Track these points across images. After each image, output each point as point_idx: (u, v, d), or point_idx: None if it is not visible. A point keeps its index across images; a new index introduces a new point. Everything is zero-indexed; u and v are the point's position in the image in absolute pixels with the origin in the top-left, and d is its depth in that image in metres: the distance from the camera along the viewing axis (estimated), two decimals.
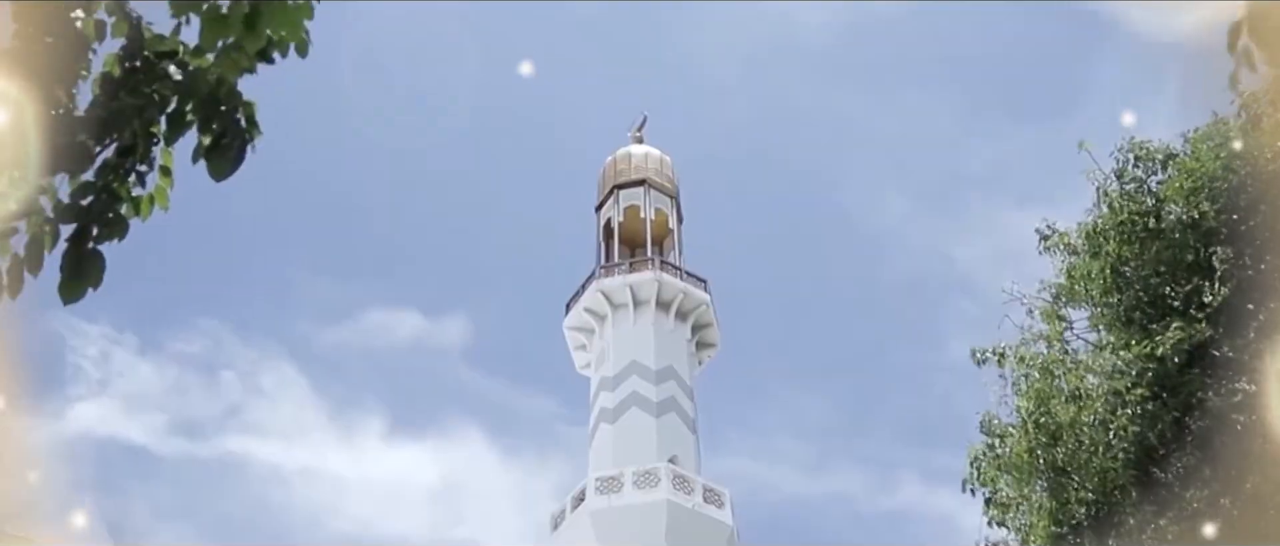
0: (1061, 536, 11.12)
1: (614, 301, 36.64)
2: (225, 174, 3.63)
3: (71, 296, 3.52)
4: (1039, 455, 11.15)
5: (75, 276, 3.54)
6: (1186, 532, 10.40)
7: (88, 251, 3.56)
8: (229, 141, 3.63)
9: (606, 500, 30.94)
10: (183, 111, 3.61)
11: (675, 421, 34.21)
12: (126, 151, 3.62)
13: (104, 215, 3.59)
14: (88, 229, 3.57)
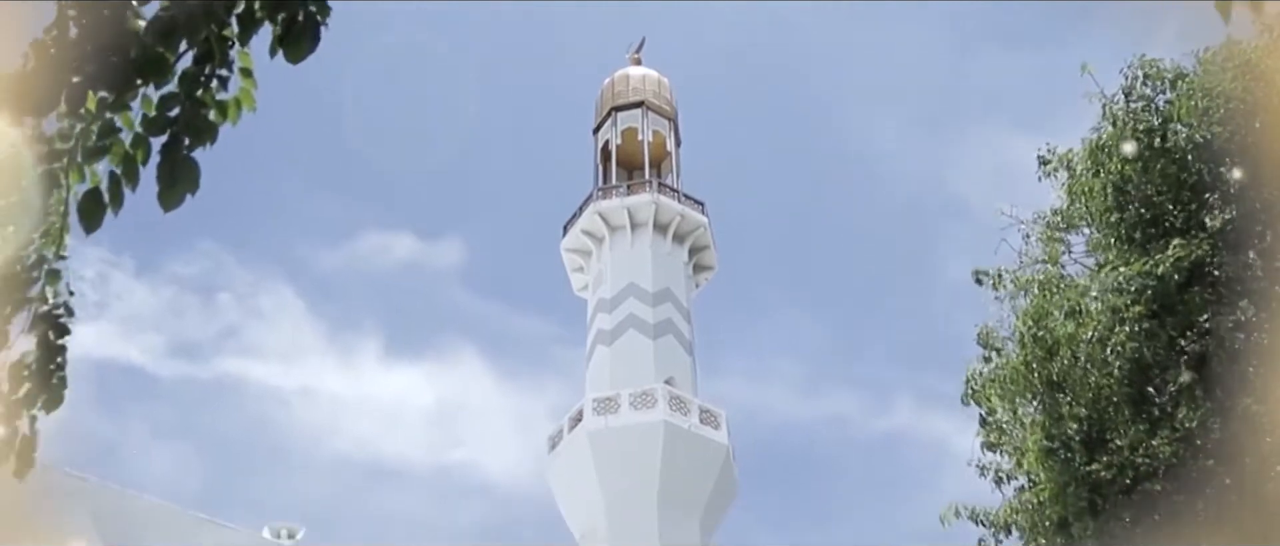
0: (1052, 451, 11.18)
1: (611, 223, 36.63)
2: (302, 56, 3.70)
3: (172, 203, 3.62)
4: (1035, 369, 11.18)
5: (172, 184, 3.62)
6: (1178, 452, 10.47)
7: (182, 158, 3.64)
8: (301, 26, 3.68)
9: (603, 421, 31.15)
10: (252, 9, 3.65)
11: (672, 343, 34.36)
12: (203, 59, 3.67)
13: (192, 123, 3.66)
14: (179, 137, 3.65)
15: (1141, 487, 10.59)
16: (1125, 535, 10.88)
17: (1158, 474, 10.51)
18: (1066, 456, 11.07)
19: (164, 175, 3.62)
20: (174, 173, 3.63)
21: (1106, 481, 10.71)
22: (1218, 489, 10.40)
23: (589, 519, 30.83)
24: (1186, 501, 10.39)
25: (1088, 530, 10.90)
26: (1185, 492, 10.40)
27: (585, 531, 31.01)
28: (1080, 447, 10.97)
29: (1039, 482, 11.71)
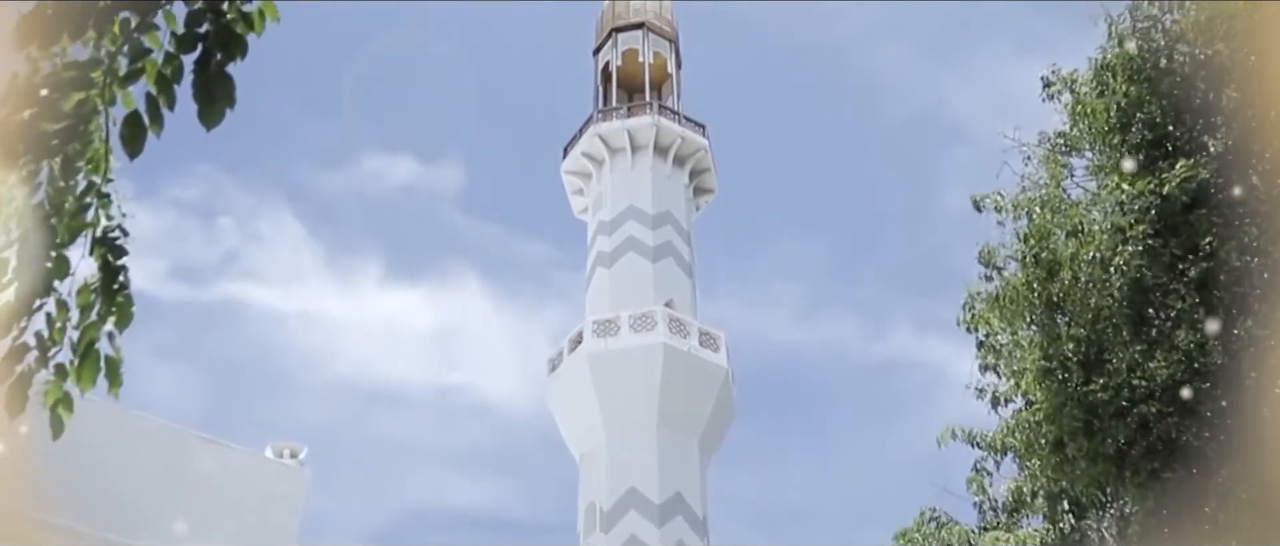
0: (1050, 371, 11.21)
1: (612, 146, 36.49)
2: None
3: (213, 120, 3.65)
4: (1035, 289, 11.18)
5: (211, 101, 3.65)
6: (1176, 375, 10.49)
7: (216, 73, 3.66)
8: None
9: (603, 343, 31.27)
10: None
11: (672, 266, 34.39)
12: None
13: (221, 38, 3.67)
14: (211, 53, 3.66)
15: (1138, 409, 10.63)
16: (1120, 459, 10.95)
17: (1155, 396, 10.53)
18: (1064, 377, 11.10)
19: (201, 92, 3.64)
20: (211, 89, 3.65)
21: (1103, 402, 10.74)
22: (1216, 412, 10.44)
23: (589, 440, 31.07)
24: (1183, 424, 10.44)
25: (1082, 450, 10.96)
26: (1182, 415, 10.44)
27: (585, 452, 31.27)
28: (1078, 368, 11.00)
29: (1036, 403, 11.76)
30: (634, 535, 28.48)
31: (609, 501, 29.24)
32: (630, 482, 29.39)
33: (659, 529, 28.60)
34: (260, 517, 11.10)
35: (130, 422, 10.68)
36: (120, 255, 3.88)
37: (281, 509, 11.31)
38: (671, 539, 28.63)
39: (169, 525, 10.39)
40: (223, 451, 11.20)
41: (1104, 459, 10.87)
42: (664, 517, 28.84)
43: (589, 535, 29.44)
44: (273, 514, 11.19)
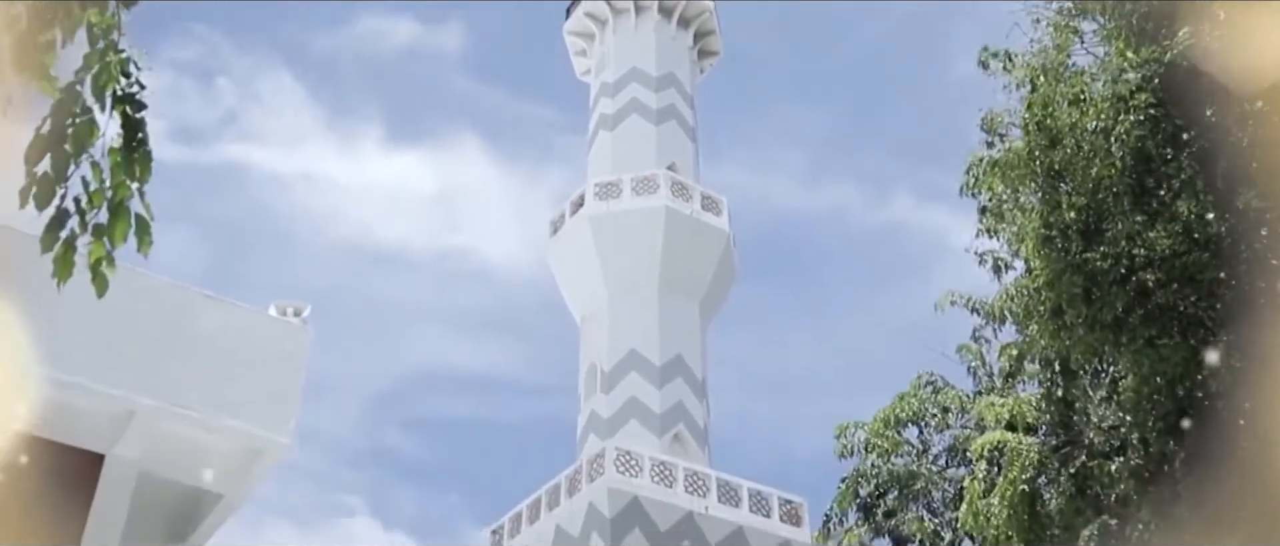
0: (1050, 239, 11.25)
1: (615, 6, 35.96)
2: None
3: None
4: (1037, 156, 11.15)
5: None
6: (1175, 244, 10.52)
7: None
8: None
9: (605, 205, 31.25)
10: None
11: (675, 129, 34.18)
12: None
13: None
14: None
15: (1137, 278, 10.69)
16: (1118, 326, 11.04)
17: (1154, 264, 10.58)
18: (1064, 245, 11.15)
19: None
20: None
21: (1102, 270, 10.80)
22: (1214, 281, 10.49)
23: (590, 302, 31.28)
24: (1182, 293, 10.50)
25: (1081, 317, 11.06)
26: (1181, 284, 10.50)
27: (586, 314, 31.50)
28: (1078, 236, 11.03)
29: (1035, 271, 11.83)
30: (634, 396, 28.87)
31: (610, 362, 29.57)
32: (631, 344, 29.67)
33: (659, 390, 28.98)
34: (264, 375, 11.20)
35: (133, 280, 10.70)
36: (139, 109, 3.89)
37: (286, 366, 11.39)
38: (671, 400, 29.02)
39: (173, 381, 10.50)
40: (226, 309, 11.24)
41: (1102, 326, 10.97)
42: (664, 379, 29.19)
43: (590, 396, 29.85)
44: (277, 371, 11.28)
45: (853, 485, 16.50)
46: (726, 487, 27.10)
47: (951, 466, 16.81)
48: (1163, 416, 11.51)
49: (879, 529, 16.66)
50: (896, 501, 16.60)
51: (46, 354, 9.70)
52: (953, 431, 16.71)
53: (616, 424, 28.43)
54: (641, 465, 25.92)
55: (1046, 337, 12.08)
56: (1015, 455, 13.06)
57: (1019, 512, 12.81)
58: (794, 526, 27.65)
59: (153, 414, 10.15)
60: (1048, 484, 13.73)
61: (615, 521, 24.89)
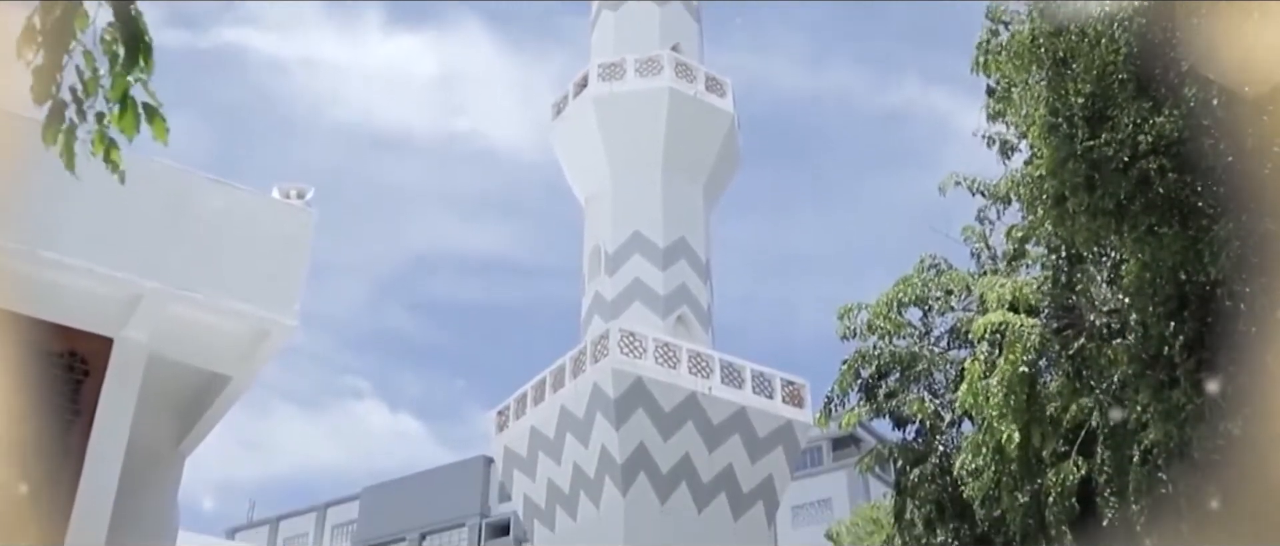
0: (1055, 126, 11.19)
1: None
2: None
3: None
4: (1041, 44, 11.04)
5: None
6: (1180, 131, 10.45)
7: None
8: None
9: (609, 87, 31.00)
10: None
11: (679, 10, 33.72)
12: None
13: None
14: None
15: (1140, 165, 10.65)
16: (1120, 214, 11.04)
17: (1158, 151, 10.54)
18: (1069, 131, 11.09)
19: None
20: None
21: (1106, 158, 10.76)
22: (1218, 165, 10.45)
23: (594, 184, 31.22)
24: (1183, 180, 10.47)
25: (1083, 205, 11.06)
26: (1183, 172, 10.46)
27: (590, 196, 31.47)
28: (1083, 123, 10.97)
29: (1040, 157, 11.78)
30: (638, 278, 28.99)
31: (613, 244, 29.63)
32: (634, 226, 29.70)
33: (662, 272, 29.09)
34: (268, 258, 11.23)
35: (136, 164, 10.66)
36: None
37: (289, 249, 11.42)
38: (675, 282, 29.15)
39: (179, 265, 10.55)
40: (229, 192, 11.24)
41: (1103, 213, 10.97)
42: (668, 261, 29.28)
43: (593, 278, 29.98)
44: (281, 254, 11.30)
45: (854, 366, 16.62)
46: (729, 369, 27.38)
47: (953, 348, 16.93)
48: (1164, 301, 11.57)
49: (880, 409, 16.85)
50: (898, 382, 16.76)
51: (53, 238, 9.74)
52: (955, 313, 16.79)
53: (620, 305, 28.61)
54: (645, 346, 26.15)
55: (1050, 223, 12.09)
56: (1016, 336, 13.15)
57: (1018, 393, 12.95)
58: (796, 407, 28.00)
59: (159, 297, 10.22)
60: (1047, 366, 13.87)
61: (619, 402, 25.20)
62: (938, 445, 16.11)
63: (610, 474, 25.28)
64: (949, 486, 15.19)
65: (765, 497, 27.10)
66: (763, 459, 27.06)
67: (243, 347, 11.13)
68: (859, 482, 59.38)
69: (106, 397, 10.18)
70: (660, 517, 25.29)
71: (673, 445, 25.75)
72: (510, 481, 29.35)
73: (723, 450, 26.47)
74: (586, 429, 25.95)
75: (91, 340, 10.32)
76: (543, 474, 27.62)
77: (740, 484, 26.64)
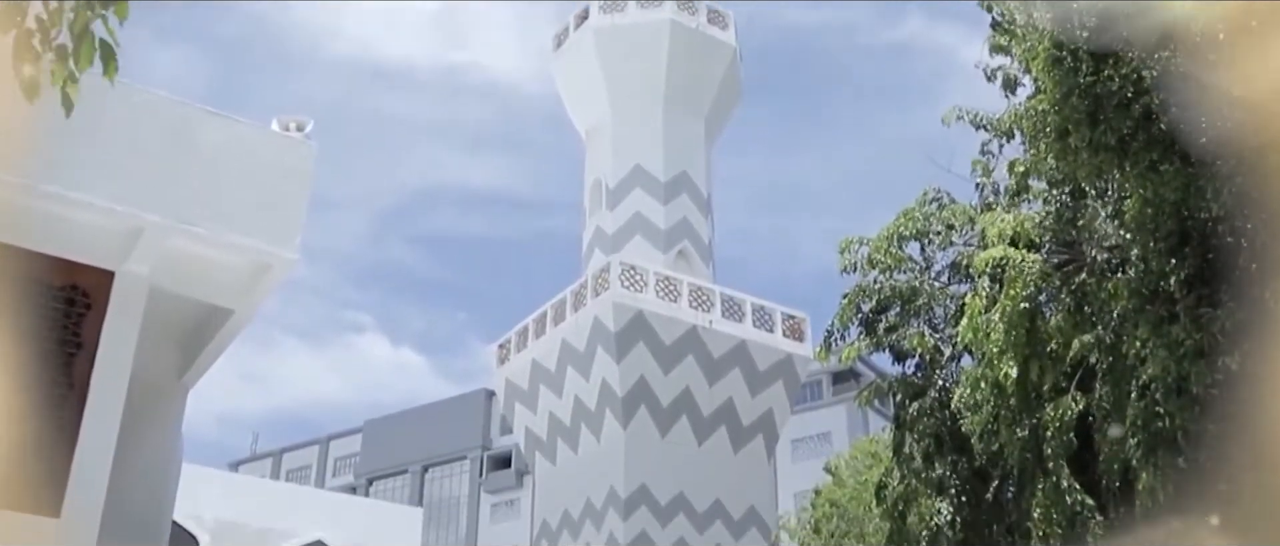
0: (1059, 60, 11.10)
1: None
2: None
3: None
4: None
5: None
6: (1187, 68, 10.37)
7: None
8: None
9: (609, 19, 30.76)
10: None
11: None
12: None
13: None
14: None
15: (1143, 101, 10.58)
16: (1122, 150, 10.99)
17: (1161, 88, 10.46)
18: (1072, 65, 11.00)
19: None
20: None
21: (1109, 92, 10.69)
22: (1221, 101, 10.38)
23: (595, 118, 31.09)
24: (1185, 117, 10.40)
25: (1085, 140, 11.00)
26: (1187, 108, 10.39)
27: (591, 130, 31.35)
28: (1087, 58, 10.88)
29: (1043, 91, 11.70)
30: (639, 212, 28.97)
31: (614, 178, 29.57)
32: (635, 159, 29.62)
33: (664, 206, 29.06)
34: (269, 190, 11.20)
35: (134, 96, 10.63)
36: None
37: (290, 182, 11.39)
38: (676, 216, 29.13)
39: (180, 198, 10.53)
40: (228, 125, 11.19)
41: (1106, 148, 10.92)
42: (669, 195, 29.24)
43: (595, 211, 29.94)
44: (281, 186, 11.27)
45: (855, 300, 16.62)
46: (730, 302, 27.44)
47: (954, 282, 16.93)
48: (1165, 237, 11.54)
49: (880, 343, 16.87)
50: (898, 317, 16.76)
51: (54, 172, 9.71)
52: (956, 248, 16.77)
53: (621, 240, 28.62)
54: (646, 280, 26.19)
55: (1052, 158, 12.04)
56: (1016, 272, 13.14)
57: (1018, 328, 12.97)
58: (796, 341, 28.11)
59: (160, 230, 10.21)
60: (1048, 301, 13.87)
61: (620, 336, 25.29)
62: (937, 379, 16.15)
63: (611, 406, 25.44)
64: (948, 420, 15.26)
65: (765, 430, 27.28)
66: (763, 392, 27.22)
67: (244, 280, 11.14)
68: (858, 416, 59.75)
69: (108, 331, 10.21)
70: (660, 450, 25.49)
71: (673, 378, 25.88)
72: (512, 414, 29.55)
73: (723, 383, 26.61)
74: (587, 362, 26.06)
75: (93, 273, 10.33)
76: (544, 406, 27.79)
77: (740, 417, 26.81)
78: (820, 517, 27.52)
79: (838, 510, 26.94)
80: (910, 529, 15.93)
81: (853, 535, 26.25)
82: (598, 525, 25.27)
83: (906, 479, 15.93)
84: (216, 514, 27.59)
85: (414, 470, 78.53)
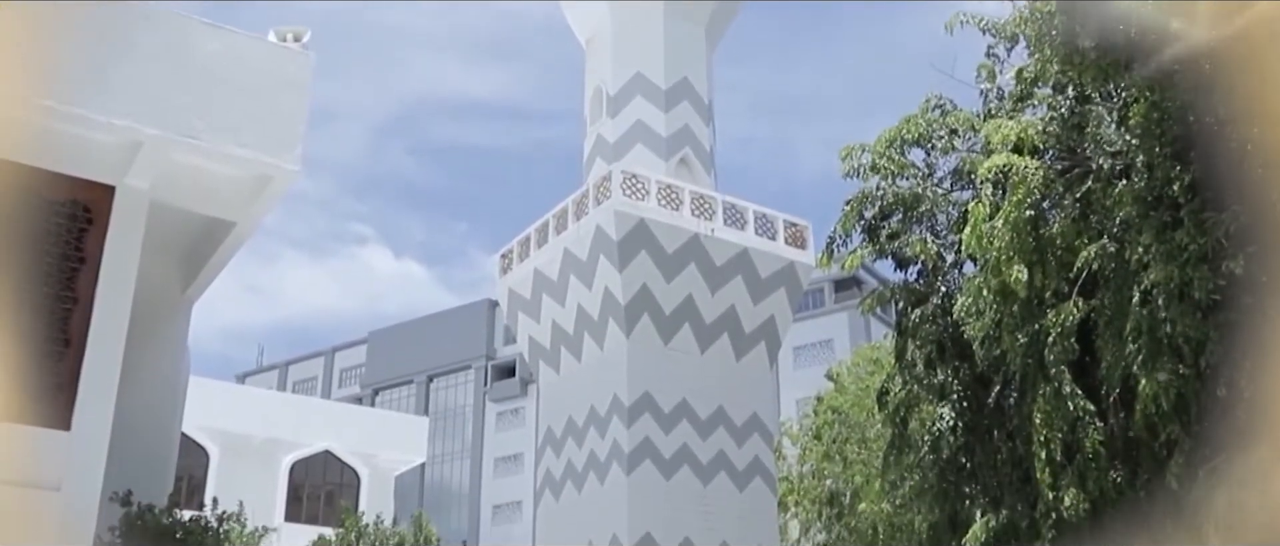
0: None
1: None
2: None
3: None
4: None
5: None
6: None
7: None
8: None
9: None
10: None
11: None
12: None
13: None
14: None
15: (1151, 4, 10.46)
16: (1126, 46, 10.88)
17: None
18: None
19: None
20: None
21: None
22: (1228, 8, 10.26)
23: (594, 24, 30.75)
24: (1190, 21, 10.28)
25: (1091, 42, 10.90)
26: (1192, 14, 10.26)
27: (590, 37, 31.04)
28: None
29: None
30: (640, 120, 28.77)
31: (615, 86, 29.32)
32: (636, 67, 29.34)
33: (664, 114, 28.85)
34: (268, 102, 11.14)
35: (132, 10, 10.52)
36: None
37: (289, 93, 11.32)
38: (677, 124, 28.94)
39: (179, 111, 10.46)
40: (227, 36, 11.10)
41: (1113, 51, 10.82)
42: (670, 103, 29.01)
43: (595, 120, 29.76)
44: (281, 98, 11.21)
45: (857, 207, 16.55)
46: (732, 210, 27.40)
47: (956, 189, 16.84)
48: (1170, 142, 11.48)
49: (882, 250, 16.83)
50: (900, 224, 16.70)
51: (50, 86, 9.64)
52: (959, 154, 16.65)
53: (622, 148, 28.48)
54: (648, 188, 26.12)
55: (1057, 63, 11.92)
56: (1021, 178, 13.07)
57: (1022, 235, 12.94)
58: (798, 248, 28.11)
59: (160, 143, 10.17)
60: (1051, 207, 13.83)
61: (622, 244, 25.30)
62: (939, 286, 16.16)
63: (613, 315, 25.54)
64: (949, 327, 15.30)
65: (767, 338, 27.41)
66: (765, 300, 27.28)
67: (245, 193, 11.12)
68: (860, 323, 60.04)
69: (111, 245, 10.21)
70: (663, 358, 25.63)
71: (675, 286, 25.94)
72: (515, 324, 29.67)
73: (725, 291, 26.67)
74: (589, 271, 26.11)
75: (93, 188, 10.31)
76: (547, 316, 27.90)
77: (742, 325, 26.91)
78: (822, 424, 27.81)
79: (839, 416, 27.21)
80: (912, 434, 16.07)
81: (854, 441, 26.54)
82: (602, 432, 25.51)
83: (908, 385, 16.03)
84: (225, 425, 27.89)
85: (419, 380, 79.18)
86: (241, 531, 11.16)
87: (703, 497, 25.20)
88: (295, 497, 29.70)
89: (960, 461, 15.00)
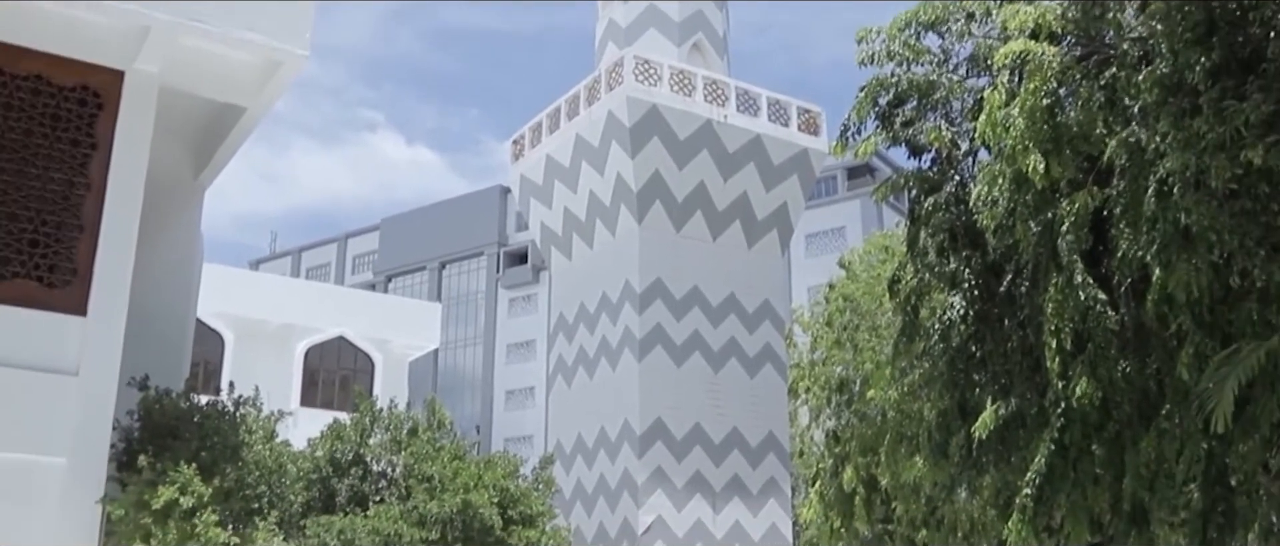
0: None
1: None
2: None
3: None
4: None
5: None
6: None
7: None
8: None
9: None
10: None
11: None
12: None
13: None
14: None
15: None
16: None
17: None
18: None
19: None
20: None
21: None
22: None
23: None
24: None
25: None
26: None
27: None
28: None
29: None
30: (652, 4, 28.33)
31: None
32: None
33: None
34: None
35: None
36: None
37: None
38: (690, 9, 28.49)
39: None
40: None
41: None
42: None
43: (608, 4, 29.38)
44: None
45: (872, 94, 16.33)
46: (745, 96, 27.17)
47: (972, 76, 16.60)
48: (1192, 27, 11.27)
49: (896, 138, 16.66)
50: (914, 111, 16.50)
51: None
52: (975, 40, 16.37)
53: (634, 33, 28.15)
54: (660, 74, 25.88)
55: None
56: (1038, 65, 12.88)
57: (1038, 123, 12.79)
58: (811, 135, 27.93)
59: (169, 28, 10.08)
60: (1068, 95, 13.65)
61: (634, 130, 25.15)
62: (953, 174, 16.02)
63: (625, 201, 25.50)
64: (963, 215, 15.21)
65: (779, 225, 27.39)
66: (777, 187, 27.21)
67: (255, 78, 11.04)
68: (873, 211, 59.88)
69: (122, 130, 10.18)
70: (675, 244, 25.66)
71: (688, 172, 25.86)
72: (527, 210, 29.67)
73: (738, 178, 26.58)
74: (602, 157, 26.01)
75: (103, 73, 10.25)
76: (559, 202, 27.88)
77: (755, 211, 26.88)
78: (833, 311, 27.88)
79: (851, 304, 27.26)
80: (922, 322, 16.10)
81: (865, 328, 26.63)
82: (613, 319, 25.66)
83: (920, 273, 16.01)
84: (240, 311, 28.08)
85: (432, 266, 79.48)
86: (258, 415, 11.29)
87: (713, 383, 25.45)
88: (310, 382, 29.99)
89: (970, 350, 15.05)
